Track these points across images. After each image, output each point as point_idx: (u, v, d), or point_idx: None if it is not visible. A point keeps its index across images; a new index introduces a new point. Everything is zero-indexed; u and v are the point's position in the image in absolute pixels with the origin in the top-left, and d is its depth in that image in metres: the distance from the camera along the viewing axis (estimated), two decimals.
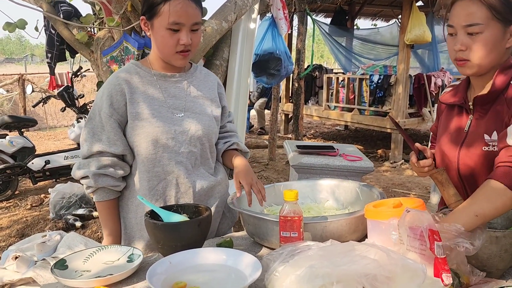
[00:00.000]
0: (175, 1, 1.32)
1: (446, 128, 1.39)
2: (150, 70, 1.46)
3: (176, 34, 1.34)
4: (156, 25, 1.36)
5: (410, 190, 5.20)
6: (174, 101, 1.45)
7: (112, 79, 1.44)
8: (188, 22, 1.34)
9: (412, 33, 6.14)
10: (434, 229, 0.93)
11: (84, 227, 3.97)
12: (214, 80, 1.61)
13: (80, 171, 1.42)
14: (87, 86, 14.13)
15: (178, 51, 1.37)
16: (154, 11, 1.34)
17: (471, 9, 1.19)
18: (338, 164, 2.39)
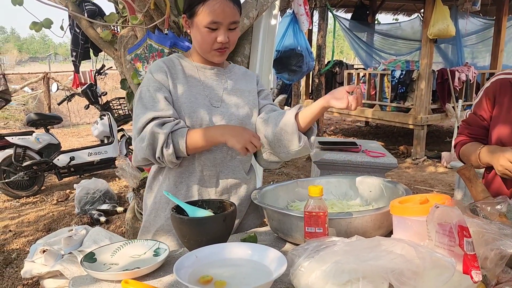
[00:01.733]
0: (213, 1, 1.35)
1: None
2: (191, 62, 1.51)
3: (214, 32, 1.38)
4: (195, 24, 1.40)
5: (432, 187, 5.12)
6: (211, 91, 1.50)
7: (156, 63, 1.48)
8: (225, 21, 1.37)
9: (436, 27, 6.02)
10: (464, 225, 0.92)
11: (108, 222, 4.05)
12: (252, 75, 1.65)
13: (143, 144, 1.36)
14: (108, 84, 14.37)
15: (215, 48, 1.41)
16: (193, 10, 1.38)
17: None
18: (361, 160, 2.36)
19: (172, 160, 1.37)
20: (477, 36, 8.38)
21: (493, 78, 1.50)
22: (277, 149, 1.47)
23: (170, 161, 1.38)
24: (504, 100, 1.42)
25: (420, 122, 6.46)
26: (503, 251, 0.96)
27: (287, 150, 1.45)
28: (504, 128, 1.39)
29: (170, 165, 1.41)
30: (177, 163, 1.41)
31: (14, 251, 3.56)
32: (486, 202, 1.14)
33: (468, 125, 1.54)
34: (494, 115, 1.44)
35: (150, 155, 1.36)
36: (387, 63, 7.42)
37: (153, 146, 1.35)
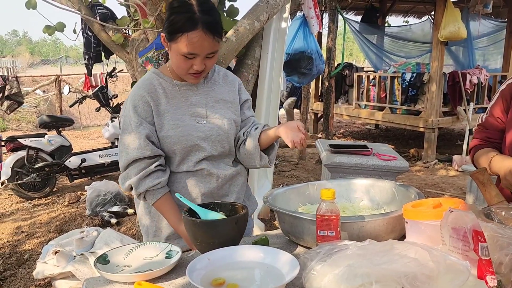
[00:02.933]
0: (192, 34, 1.34)
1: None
2: (172, 80, 1.51)
3: (190, 60, 1.39)
4: (173, 48, 1.40)
5: (444, 190, 5.07)
6: (196, 109, 1.51)
7: (136, 91, 1.49)
8: (202, 53, 1.38)
9: (447, 29, 5.98)
10: (479, 229, 0.91)
11: (119, 224, 4.08)
12: (233, 80, 1.65)
13: (124, 185, 1.50)
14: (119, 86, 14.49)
15: (191, 73, 1.43)
16: (172, 37, 1.38)
17: None
18: (372, 163, 2.35)
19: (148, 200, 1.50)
20: (489, 38, 8.30)
21: (509, 80, 1.48)
22: (247, 163, 1.62)
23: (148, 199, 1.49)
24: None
25: (431, 125, 6.42)
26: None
27: (254, 164, 1.58)
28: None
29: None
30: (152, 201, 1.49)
31: (26, 252, 3.60)
32: (500, 207, 1.13)
33: (485, 128, 1.52)
34: (509, 118, 1.43)
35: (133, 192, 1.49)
36: (398, 66, 7.39)
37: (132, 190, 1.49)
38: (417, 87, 6.63)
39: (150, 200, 1.48)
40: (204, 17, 1.35)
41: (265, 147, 1.54)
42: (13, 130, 10.59)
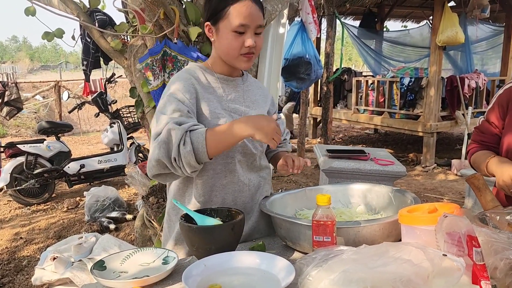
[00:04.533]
0: (240, 3, 1.33)
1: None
2: (213, 73, 1.48)
3: (241, 36, 1.36)
4: (221, 29, 1.36)
5: (443, 195, 5.08)
6: (233, 105, 1.48)
7: (183, 74, 1.43)
8: (253, 24, 1.35)
9: (444, 34, 6.01)
10: (473, 235, 0.91)
11: (118, 230, 4.08)
12: (264, 88, 1.66)
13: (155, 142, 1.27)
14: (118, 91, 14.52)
15: (243, 53, 1.38)
16: (220, 15, 1.35)
17: None
18: (369, 168, 2.36)
19: (190, 161, 1.23)
20: (487, 43, 8.33)
21: (506, 85, 1.49)
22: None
23: (188, 163, 1.23)
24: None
25: (429, 129, 6.43)
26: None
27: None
28: None
29: (187, 169, 1.25)
30: (196, 168, 1.26)
31: (25, 258, 3.59)
32: (495, 212, 1.14)
33: (481, 132, 1.54)
34: (507, 123, 1.44)
35: (164, 155, 1.24)
36: (396, 70, 7.41)
37: (168, 145, 1.25)
38: (416, 91, 6.65)
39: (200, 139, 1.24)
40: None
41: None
42: (13, 136, 10.59)
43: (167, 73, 2.40)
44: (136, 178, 3.24)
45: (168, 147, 1.24)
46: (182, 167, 1.25)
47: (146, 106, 2.74)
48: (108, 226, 4.04)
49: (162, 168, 1.28)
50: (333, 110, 7.71)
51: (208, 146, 1.24)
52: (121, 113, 5.86)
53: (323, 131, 6.27)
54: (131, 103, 5.48)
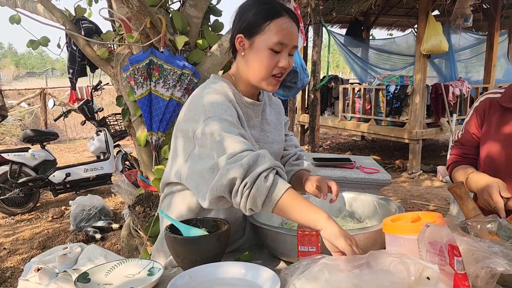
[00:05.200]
0: (281, 20, 1.26)
1: (504, 132, 1.42)
2: (241, 97, 1.37)
3: (276, 55, 1.27)
4: (257, 44, 1.28)
5: (429, 201, 5.13)
6: (253, 132, 1.41)
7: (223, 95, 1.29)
8: (290, 43, 1.28)
9: (429, 43, 6.11)
10: (454, 244, 0.93)
11: (104, 239, 4.03)
12: (277, 102, 1.59)
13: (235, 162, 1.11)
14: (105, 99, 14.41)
15: (274, 73, 1.30)
16: (258, 28, 1.27)
17: None
18: (355, 176, 2.38)
19: (258, 198, 1.09)
20: (471, 51, 8.49)
21: (482, 96, 1.53)
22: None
23: (254, 198, 1.09)
24: (493, 118, 1.45)
25: (415, 136, 6.51)
26: (494, 269, 0.97)
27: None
28: (493, 146, 1.42)
29: (249, 203, 1.10)
30: (255, 208, 1.12)
31: (8, 269, 3.53)
32: (476, 220, 1.16)
33: (462, 145, 1.56)
34: (483, 133, 1.47)
35: (240, 176, 1.09)
36: (382, 78, 7.50)
37: (250, 168, 1.10)
38: (401, 99, 6.74)
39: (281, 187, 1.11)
40: (284, 6, 1.30)
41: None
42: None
43: (153, 82, 2.40)
44: (122, 187, 3.21)
45: (248, 170, 1.10)
46: (244, 197, 1.10)
47: (133, 114, 2.73)
48: (94, 235, 4.00)
49: (227, 191, 1.12)
50: (321, 117, 7.76)
51: (282, 200, 1.10)
52: (107, 121, 5.82)
53: (310, 138, 6.31)
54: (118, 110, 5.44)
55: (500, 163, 1.39)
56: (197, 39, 2.63)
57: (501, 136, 1.41)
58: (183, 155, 1.30)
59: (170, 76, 2.40)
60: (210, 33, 2.70)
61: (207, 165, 1.17)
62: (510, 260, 0.97)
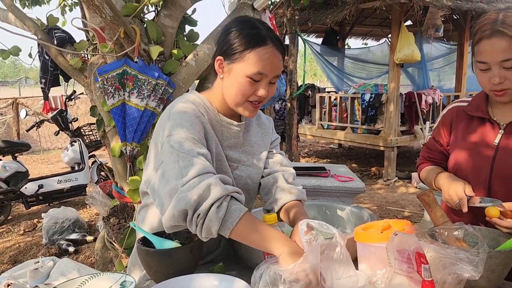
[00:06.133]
0: (263, 49, 1.21)
1: (470, 140, 1.46)
2: (217, 115, 1.34)
3: (254, 84, 1.23)
4: (236, 70, 1.23)
5: (404, 207, 5.21)
6: (230, 153, 1.37)
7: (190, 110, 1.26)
8: (271, 73, 1.24)
9: (402, 52, 6.26)
10: (421, 252, 0.95)
11: (77, 252, 3.94)
12: (266, 122, 1.52)
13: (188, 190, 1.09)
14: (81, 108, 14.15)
15: (251, 100, 1.26)
16: (238, 55, 1.22)
17: (503, 45, 1.26)
18: (329, 185, 2.41)
19: (212, 227, 1.09)
20: (443, 60, 8.73)
21: (450, 106, 1.58)
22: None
23: (208, 228, 1.09)
24: (459, 126, 1.50)
25: (390, 144, 6.63)
26: (460, 275, 1.00)
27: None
28: (460, 153, 1.46)
29: (204, 232, 1.11)
30: (212, 236, 1.12)
31: None
32: (444, 228, 1.19)
33: (429, 149, 1.62)
34: (452, 141, 1.52)
35: (192, 208, 1.08)
36: (357, 87, 7.63)
37: (201, 198, 1.09)
38: (376, 107, 6.87)
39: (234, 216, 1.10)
40: (271, 34, 1.25)
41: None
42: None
43: (127, 92, 2.38)
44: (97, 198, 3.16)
45: (200, 201, 1.09)
46: (199, 227, 1.10)
47: (107, 125, 2.70)
48: (67, 249, 3.91)
49: (182, 221, 1.12)
50: (299, 125, 7.83)
51: (237, 227, 1.10)
52: (82, 131, 5.72)
53: (288, 147, 6.35)
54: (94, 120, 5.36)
55: (467, 170, 1.43)
56: (172, 49, 2.62)
57: (468, 144, 1.45)
58: (153, 167, 1.29)
59: (145, 86, 2.39)
60: (185, 43, 2.70)
61: (167, 188, 1.16)
62: (475, 266, 1.00)
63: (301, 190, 1.46)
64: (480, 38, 1.30)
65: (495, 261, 1.08)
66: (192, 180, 1.11)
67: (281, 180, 1.44)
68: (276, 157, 1.49)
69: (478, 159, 1.41)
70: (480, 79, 1.36)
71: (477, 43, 1.32)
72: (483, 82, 1.35)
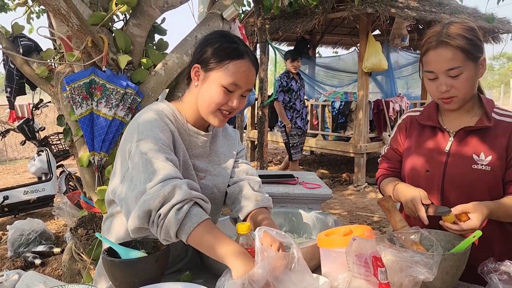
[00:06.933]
0: (241, 62, 1.28)
1: (423, 147, 1.53)
2: (186, 124, 1.37)
3: (228, 94, 1.28)
4: (212, 79, 1.28)
5: (373, 213, 5.32)
6: (197, 162, 1.40)
7: (158, 117, 1.29)
8: (245, 86, 1.30)
9: (369, 61, 6.42)
10: (378, 255, 0.99)
11: (44, 265, 3.84)
12: (232, 134, 1.57)
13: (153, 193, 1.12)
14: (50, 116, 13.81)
15: (222, 109, 1.31)
16: (216, 64, 1.27)
17: (447, 55, 1.34)
18: (298, 192, 2.45)
19: (170, 229, 1.11)
20: (412, 68, 8.99)
21: (404, 115, 1.66)
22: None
23: (167, 230, 1.11)
24: (413, 134, 1.58)
25: (360, 150, 6.77)
26: (416, 278, 1.05)
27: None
28: (415, 159, 1.53)
29: (162, 234, 1.13)
30: (170, 239, 1.14)
31: None
32: (402, 232, 1.24)
33: (388, 159, 1.68)
34: (406, 149, 1.59)
35: (156, 208, 1.11)
36: (328, 95, 7.78)
37: (165, 199, 1.12)
38: (346, 114, 7.02)
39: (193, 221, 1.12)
40: (248, 50, 1.32)
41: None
42: None
43: (95, 101, 2.37)
44: (64, 209, 3.10)
45: (164, 201, 1.12)
46: (159, 228, 1.12)
47: (75, 134, 2.66)
48: (33, 261, 3.80)
49: (146, 222, 1.14)
50: (270, 133, 7.88)
51: (194, 233, 1.12)
52: (50, 140, 5.59)
53: (259, 154, 6.38)
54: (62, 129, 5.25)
55: (420, 176, 1.50)
56: (141, 58, 2.62)
57: (420, 152, 1.52)
58: (120, 175, 1.30)
59: (113, 96, 2.38)
60: (155, 52, 2.70)
61: (134, 193, 1.17)
62: (429, 268, 1.05)
63: (267, 197, 1.49)
64: (427, 49, 1.38)
65: (449, 263, 1.14)
66: (159, 184, 1.14)
67: (246, 188, 1.47)
68: (242, 166, 1.53)
69: (430, 166, 1.48)
70: (429, 88, 1.44)
71: (425, 54, 1.40)
72: (432, 90, 1.43)
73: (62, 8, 2.10)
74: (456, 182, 1.43)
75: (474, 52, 1.35)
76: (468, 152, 1.43)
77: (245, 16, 7.60)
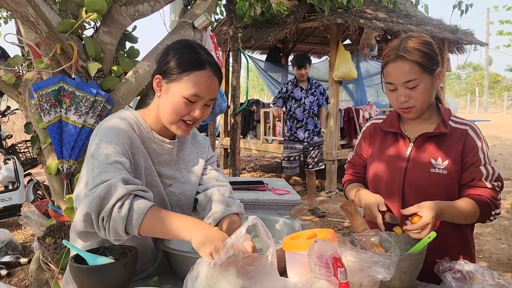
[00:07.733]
0: (201, 72, 1.29)
1: (385, 153, 1.60)
2: (150, 132, 1.39)
3: (190, 105, 1.30)
4: (173, 90, 1.30)
5: (344, 218, 5.43)
6: (164, 169, 1.42)
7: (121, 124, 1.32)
8: (207, 96, 1.31)
9: (340, 70, 6.57)
10: (337, 256, 1.04)
11: (10, 275, 3.74)
12: (202, 141, 1.58)
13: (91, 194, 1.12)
14: (17, 123, 13.43)
15: (185, 120, 1.33)
16: (176, 76, 1.29)
17: (405, 68, 1.42)
18: (267, 198, 2.49)
19: (118, 228, 1.11)
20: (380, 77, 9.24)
21: (368, 123, 1.74)
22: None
23: (115, 230, 1.11)
24: (376, 141, 1.65)
25: (331, 157, 6.89)
26: (375, 277, 1.10)
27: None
28: (378, 165, 1.60)
29: (112, 235, 1.12)
30: (121, 238, 1.14)
31: None
32: (363, 234, 1.30)
33: (353, 165, 1.75)
34: (369, 155, 1.66)
35: (94, 210, 1.10)
36: None
37: (103, 201, 1.11)
38: None
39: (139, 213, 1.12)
40: (211, 59, 1.32)
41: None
42: None
43: (64, 109, 2.35)
44: (31, 218, 3.05)
45: (102, 203, 1.11)
46: (107, 230, 1.12)
47: (43, 142, 2.63)
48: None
49: (89, 226, 1.13)
50: (243, 140, 7.92)
51: (144, 223, 1.12)
52: (17, 148, 5.46)
53: (231, 161, 6.41)
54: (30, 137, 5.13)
55: (382, 182, 1.57)
56: (112, 65, 2.62)
57: (383, 158, 1.59)
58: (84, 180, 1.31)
59: (83, 103, 2.37)
60: (125, 60, 2.70)
61: (81, 195, 1.18)
62: (387, 268, 1.10)
63: (239, 203, 1.53)
64: (387, 62, 1.46)
65: (406, 263, 1.20)
66: (96, 186, 1.14)
67: (217, 195, 1.50)
68: (212, 173, 1.56)
69: (392, 171, 1.55)
70: (390, 98, 1.52)
71: (385, 66, 1.48)
72: (392, 100, 1.51)
73: (30, 15, 2.08)
74: (415, 185, 1.51)
75: (430, 65, 1.44)
76: (427, 157, 1.51)
77: (218, 25, 7.66)
